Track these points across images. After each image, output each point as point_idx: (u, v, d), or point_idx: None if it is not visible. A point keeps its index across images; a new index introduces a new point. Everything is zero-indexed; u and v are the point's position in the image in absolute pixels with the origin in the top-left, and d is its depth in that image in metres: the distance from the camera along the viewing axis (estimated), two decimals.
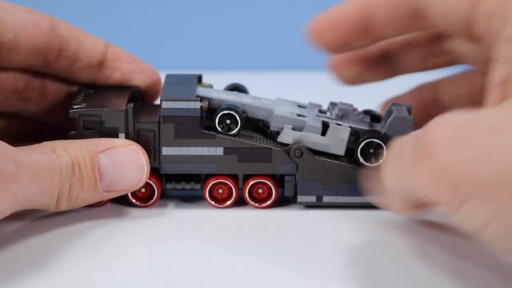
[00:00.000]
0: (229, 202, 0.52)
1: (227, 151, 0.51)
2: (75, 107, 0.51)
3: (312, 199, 0.52)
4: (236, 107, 0.52)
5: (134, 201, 0.52)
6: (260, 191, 0.52)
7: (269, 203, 0.52)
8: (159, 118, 0.51)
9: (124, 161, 0.50)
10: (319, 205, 0.52)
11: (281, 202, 0.53)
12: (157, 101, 0.56)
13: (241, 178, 0.52)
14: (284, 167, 0.52)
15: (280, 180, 0.52)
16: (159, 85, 0.56)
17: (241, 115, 0.51)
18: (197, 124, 0.51)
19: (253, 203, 0.52)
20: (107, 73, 0.54)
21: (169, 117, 0.51)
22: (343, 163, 0.51)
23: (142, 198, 0.52)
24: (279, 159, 0.51)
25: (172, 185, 0.52)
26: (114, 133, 0.51)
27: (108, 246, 0.48)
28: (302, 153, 0.51)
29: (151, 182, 0.52)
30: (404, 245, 0.48)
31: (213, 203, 0.52)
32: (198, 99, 0.51)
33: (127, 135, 0.51)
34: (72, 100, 0.52)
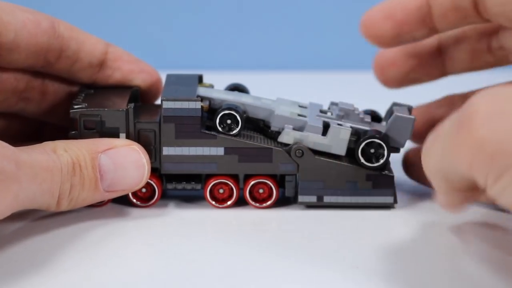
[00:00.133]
0: (229, 202, 0.52)
1: (228, 151, 0.51)
2: (76, 107, 0.51)
3: (312, 199, 0.52)
4: (236, 107, 0.52)
5: (134, 201, 0.52)
6: (260, 191, 0.52)
7: (269, 203, 0.52)
8: (160, 118, 0.51)
9: (124, 161, 0.50)
10: (320, 205, 0.52)
11: (282, 202, 0.53)
12: (157, 101, 0.56)
13: (241, 178, 0.52)
14: (284, 167, 0.52)
15: (280, 180, 0.52)
16: (160, 85, 0.56)
17: (242, 115, 0.51)
18: (198, 124, 0.51)
19: (253, 203, 0.52)
20: (108, 73, 0.54)
21: (170, 117, 0.51)
22: (344, 163, 0.51)
23: (142, 198, 0.52)
24: (279, 159, 0.51)
25: (172, 185, 0.52)
26: (114, 133, 0.51)
27: (108, 246, 0.48)
28: (302, 153, 0.51)
29: (151, 182, 0.52)
30: (404, 245, 0.48)
31: (214, 203, 0.52)
32: (198, 99, 0.51)
33: (128, 135, 0.51)
34: (72, 100, 0.52)
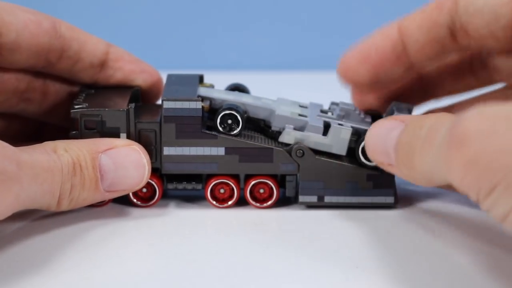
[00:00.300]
0: (230, 202, 0.52)
1: (229, 151, 0.51)
2: (77, 107, 0.51)
3: (313, 199, 0.52)
4: (237, 107, 0.52)
5: (135, 201, 0.52)
6: (261, 191, 0.52)
7: (270, 203, 0.52)
8: (161, 118, 0.51)
9: (125, 161, 0.50)
10: (321, 205, 0.52)
11: (282, 202, 0.53)
12: (158, 101, 0.56)
13: (242, 178, 0.52)
14: (285, 167, 0.52)
15: (281, 180, 0.52)
16: (161, 85, 0.56)
17: (243, 115, 0.51)
18: (199, 124, 0.51)
19: (254, 203, 0.52)
20: (109, 73, 0.54)
21: (171, 117, 0.51)
22: (345, 163, 0.51)
23: (143, 198, 0.52)
24: (280, 159, 0.51)
25: (173, 185, 0.52)
26: (115, 133, 0.51)
27: (109, 246, 0.48)
28: (303, 153, 0.51)
29: (152, 182, 0.52)
30: (404, 245, 0.48)
31: (215, 203, 0.52)
32: (199, 99, 0.51)
33: (129, 135, 0.51)
34: (73, 100, 0.52)
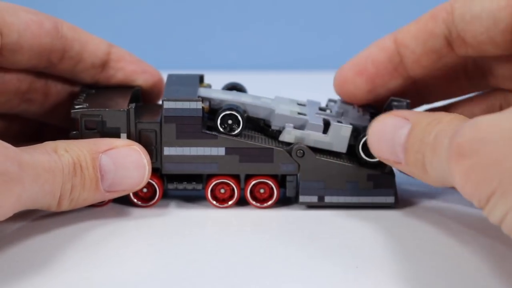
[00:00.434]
0: (230, 202, 0.52)
1: (229, 151, 0.51)
2: (77, 107, 0.51)
3: (313, 199, 0.52)
4: (237, 107, 0.52)
5: (135, 201, 0.52)
6: (261, 191, 0.52)
7: (270, 203, 0.52)
8: (161, 118, 0.51)
9: (125, 161, 0.50)
10: (321, 205, 0.52)
11: (283, 202, 0.53)
12: (159, 101, 0.56)
13: (242, 178, 0.52)
14: (285, 167, 0.52)
15: (281, 180, 0.52)
16: (162, 85, 0.56)
17: (243, 115, 0.51)
18: (199, 124, 0.51)
19: (254, 203, 0.52)
20: (110, 74, 0.54)
21: (171, 117, 0.51)
22: (345, 163, 0.51)
23: (143, 198, 0.52)
24: (280, 159, 0.51)
25: (173, 185, 0.52)
26: (115, 133, 0.51)
27: (109, 246, 0.48)
28: (303, 153, 0.51)
29: (153, 182, 0.52)
30: (404, 245, 0.48)
31: (215, 203, 0.52)
32: (200, 99, 0.51)
33: (129, 135, 0.51)
34: (74, 100, 0.52)
